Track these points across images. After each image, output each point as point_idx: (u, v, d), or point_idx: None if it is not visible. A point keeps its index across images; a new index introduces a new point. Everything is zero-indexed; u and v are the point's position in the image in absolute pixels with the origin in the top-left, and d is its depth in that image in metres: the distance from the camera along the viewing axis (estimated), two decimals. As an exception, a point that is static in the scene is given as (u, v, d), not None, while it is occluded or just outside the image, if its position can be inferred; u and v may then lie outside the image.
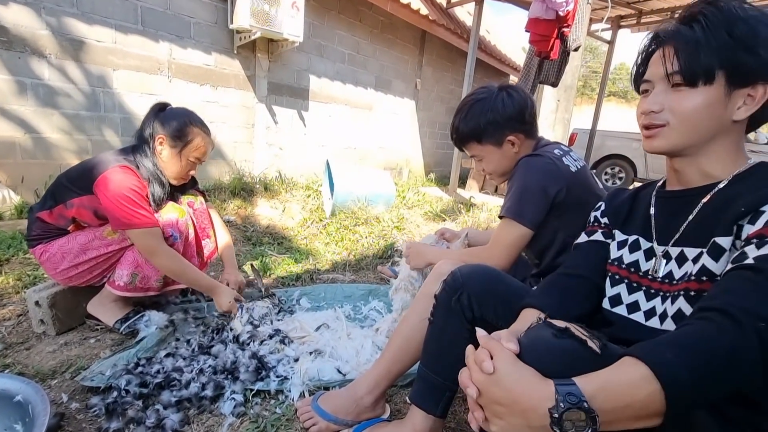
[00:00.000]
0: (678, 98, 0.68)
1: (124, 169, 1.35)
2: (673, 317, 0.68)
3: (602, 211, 0.89)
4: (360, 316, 1.76)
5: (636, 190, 0.87)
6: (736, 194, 0.65)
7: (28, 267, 1.89)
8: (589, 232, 0.89)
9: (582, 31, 3.54)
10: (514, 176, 1.19)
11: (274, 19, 3.21)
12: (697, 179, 0.72)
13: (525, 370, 0.54)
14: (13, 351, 1.33)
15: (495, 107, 1.18)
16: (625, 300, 0.77)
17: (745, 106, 0.66)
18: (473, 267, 0.94)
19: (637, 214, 0.82)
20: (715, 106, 0.66)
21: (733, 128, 0.68)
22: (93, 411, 1.07)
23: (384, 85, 5.09)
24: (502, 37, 8.06)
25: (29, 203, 2.50)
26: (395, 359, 1.08)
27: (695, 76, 0.66)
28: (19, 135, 2.49)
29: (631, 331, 0.73)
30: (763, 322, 0.50)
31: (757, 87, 0.65)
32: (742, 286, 0.55)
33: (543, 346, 0.57)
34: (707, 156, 0.70)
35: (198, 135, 1.45)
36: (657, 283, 0.73)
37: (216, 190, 3.24)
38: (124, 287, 1.43)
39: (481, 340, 0.60)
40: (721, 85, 0.65)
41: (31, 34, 2.43)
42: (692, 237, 0.69)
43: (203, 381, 1.18)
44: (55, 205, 1.39)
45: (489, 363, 0.55)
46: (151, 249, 1.36)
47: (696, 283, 0.65)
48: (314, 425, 1.06)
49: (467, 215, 3.74)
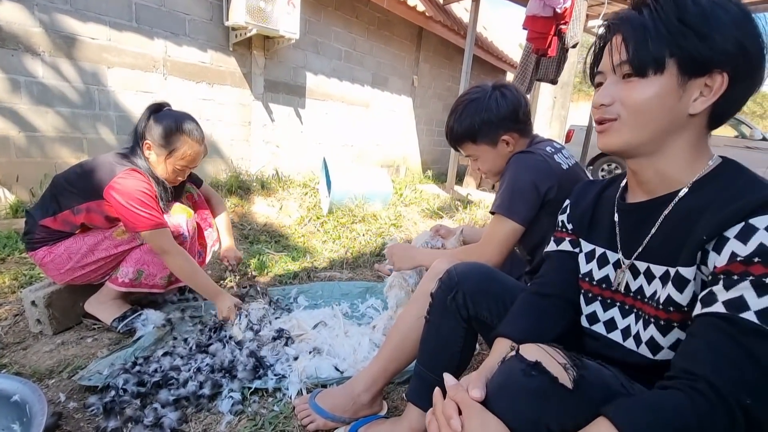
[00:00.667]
0: (628, 89, 0.64)
1: (133, 173, 1.36)
2: (647, 344, 0.67)
3: (567, 215, 0.87)
4: (357, 314, 1.77)
5: (601, 188, 0.83)
6: (699, 205, 0.62)
7: (24, 266, 1.89)
8: (558, 239, 0.87)
9: (579, 28, 3.54)
10: (505, 173, 1.20)
11: (269, 16, 3.19)
12: (657, 184, 0.69)
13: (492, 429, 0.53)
14: (9, 351, 1.32)
15: (489, 107, 1.18)
16: (602, 317, 0.76)
17: (702, 98, 0.61)
18: (468, 266, 0.95)
19: (601, 221, 0.79)
20: (667, 97, 0.61)
21: (691, 123, 0.63)
22: (91, 410, 1.08)
23: (381, 83, 5.08)
24: (499, 34, 8.04)
25: (24, 202, 2.49)
26: (392, 357, 1.08)
27: (644, 66, 0.61)
28: (13, 133, 2.47)
29: (612, 350, 0.73)
30: (749, 398, 0.49)
31: (714, 76, 0.59)
32: (723, 345, 0.52)
33: (512, 390, 0.56)
34: (664, 156, 0.66)
35: (185, 143, 1.41)
36: (630, 298, 0.71)
37: (213, 188, 3.23)
38: (129, 283, 1.44)
39: (449, 390, 0.59)
40: (673, 75, 0.60)
41: (24, 32, 2.41)
42: (657, 252, 0.67)
43: (201, 379, 1.18)
44: (59, 210, 1.38)
45: (456, 421, 0.55)
46: (166, 248, 1.38)
47: (664, 313, 0.64)
48: (312, 422, 1.07)
49: (464, 212, 3.75)
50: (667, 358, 0.65)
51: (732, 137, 6.43)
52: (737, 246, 0.55)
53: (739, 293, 0.53)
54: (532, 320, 0.78)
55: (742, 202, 0.56)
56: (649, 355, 0.67)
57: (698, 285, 0.61)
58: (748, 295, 0.52)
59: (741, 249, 0.54)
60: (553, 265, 0.85)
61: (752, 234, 0.54)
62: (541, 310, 0.80)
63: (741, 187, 0.60)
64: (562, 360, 0.57)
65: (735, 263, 0.54)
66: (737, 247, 0.55)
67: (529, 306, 0.82)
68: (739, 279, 0.53)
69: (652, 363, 0.67)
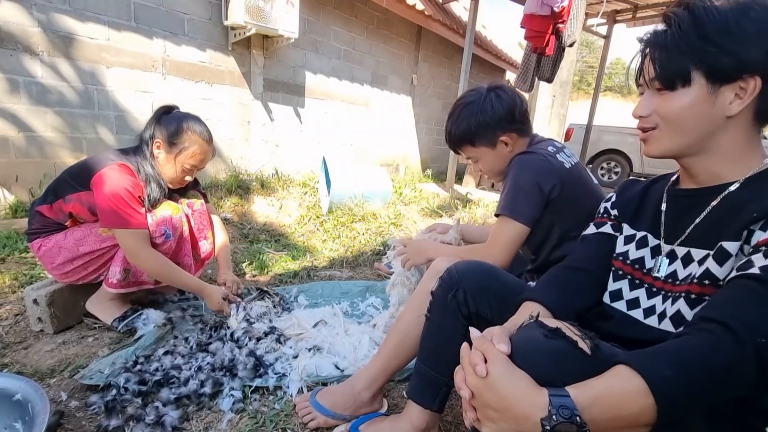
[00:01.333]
0: (662, 101, 0.68)
1: (122, 168, 1.35)
2: (671, 318, 0.68)
3: (613, 202, 0.88)
4: (357, 313, 1.77)
5: (648, 182, 0.85)
6: (749, 198, 0.63)
7: (25, 266, 1.89)
8: (598, 223, 0.88)
9: (577, 27, 3.54)
10: (508, 174, 1.20)
11: (269, 15, 3.19)
12: (708, 179, 0.70)
13: (519, 376, 0.54)
14: (11, 350, 1.33)
15: (484, 109, 1.19)
16: (626, 296, 0.77)
17: (738, 100, 0.63)
18: (469, 264, 0.95)
19: (647, 209, 0.81)
20: (699, 105, 0.65)
21: (732, 124, 0.65)
22: (92, 409, 1.08)
23: (380, 82, 5.08)
24: (498, 33, 8.04)
25: (24, 202, 2.49)
26: (392, 355, 1.09)
27: (671, 81, 0.66)
28: (12, 133, 2.47)
29: (628, 328, 0.74)
30: (764, 337, 0.50)
31: (747, 80, 0.62)
32: (745, 297, 0.54)
33: (534, 348, 0.57)
34: (711, 155, 0.68)
35: (195, 143, 1.45)
36: (660, 282, 0.72)
37: (212, 188, 3.23)
38: (118, 284, 1.43)
39: (474, 341, 0.60)
40: (702, 85, 0.64)
41: (22, 32, 2.41)
42: (700, 238, 0.68)
43: (202, 378, 1.19)
44: (55, 199, 1.41)
45: (482, 367, 0.55)
46: (134, 251, 1.36)
47: (698, 286, 0.64)
48: (313, 420, 1.07)
49: (464, 211, 3.75)
50: None
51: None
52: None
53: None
54: (562, 291, 0.80)
55: None
56: (672, 329, 0.68)
57: (739, 261, 0.61)
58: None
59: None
60: (590, 245, 0.87)
61: None
62: (571, 282, 0.82)
63: None
64: (579, 332, 0.59)
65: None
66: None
67: (560, 277, 0.84)
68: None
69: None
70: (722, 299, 0.56)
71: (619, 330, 0.74)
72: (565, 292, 0.80)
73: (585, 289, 0.82)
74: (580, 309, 0.80)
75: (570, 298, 0.80)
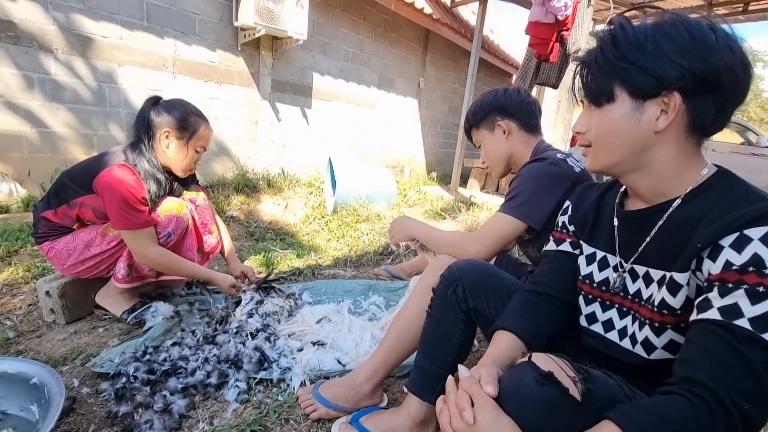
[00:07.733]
0: (593, 118, 0.71)
1: (122, 168, 1.35)
2: (642, 343, 0.70)
3: (569, 216, 0.89)
4: (360, 310, 1.80)
5: (602, 192, 0.86)
6: (691, 216, 0.64)
7: (37, 258, 1.94)
8: (558, 239, 0.90)
9: (582, 34, 3.56)
10: (517, 179, 1.22)
11: (278, 17, 3.24)
12: (653, 196, 0.71)
13: (506, 427, 0.54)
14: (25, 339, 1.37)
15: (491, 94, 1.32)
16: (600, 318, 0.79)
17: (664, 115, 0.63)
18: (469, 262, 0.99)
19: (602, 225, 0.81)
20: (624, 121, 0.66)
21: (665, 140, 0.65)
22: (103, 395, 1.12)
23: (387, 84, 5.12)
24: (505, 37, 8.06)
25: (35, 196, 2.55)
26: (393, 349, 1.12)
27: (597, 98, 0.68)
28: (26, 129, 2.53)
29: (609, 348, 0.76)
30: (746, 402, 0.51)
31: (669, 95, 0.62)
32: (722, 352, 0.54)
33: (524, 394, 0.56)
34: (649, 172, 0.68)
35: (200, 123, 1.46)
36: (628, 300, 0.74)
37: (220, 186, 3.28)
38: (123, 279, 1.46)
39: (462, 381, 0.60)
40: (625, 101, 0.65)
41: (39, 29, 2.47)
42: (653, 257, 0.70)
43: (208, 369, 1.22)
44: (59, 204, 1.41)
45: (469, 413, 0.55)
46: (142, 251, 1.39)
47: (659, 316, 0.66)
48: (314, 411, 1.10)
49: (467, 214, 3.77)
50: (661, 357, 0.68)
51: (738, 144, 6.42)
52: (732, 255, 0.57)
53: (733, 300, 0.55)
54: (528, 318, 0.81)
55: (737, 214, 0.58)
56: (644, 355, 0.70)
57: (692, 290, 0.63)
58: (743, 302, 0.54)
59: (736, 258, 0.56)
60: (551, 264, 0.89)
61: (747, 244, 0.56)
62: (538, 308, 0.83)
63: (735, 199, 0.61)
64: (572, 373, 0.58)
65: (730, 272, 0.56)
66: (732, 256, 0.57)
67: (526, 303, 0.85)
68: (733, 287, 0.55)
69: (647, 362, 0.70)
70: (700, 354, 0.56)
71: (603, 348, 0.77)
72: (536, 319, 0.81)
73: (552, 314, 0.84)
74: (551, 334, 0.82)
75: (540, 323, 0.81)
